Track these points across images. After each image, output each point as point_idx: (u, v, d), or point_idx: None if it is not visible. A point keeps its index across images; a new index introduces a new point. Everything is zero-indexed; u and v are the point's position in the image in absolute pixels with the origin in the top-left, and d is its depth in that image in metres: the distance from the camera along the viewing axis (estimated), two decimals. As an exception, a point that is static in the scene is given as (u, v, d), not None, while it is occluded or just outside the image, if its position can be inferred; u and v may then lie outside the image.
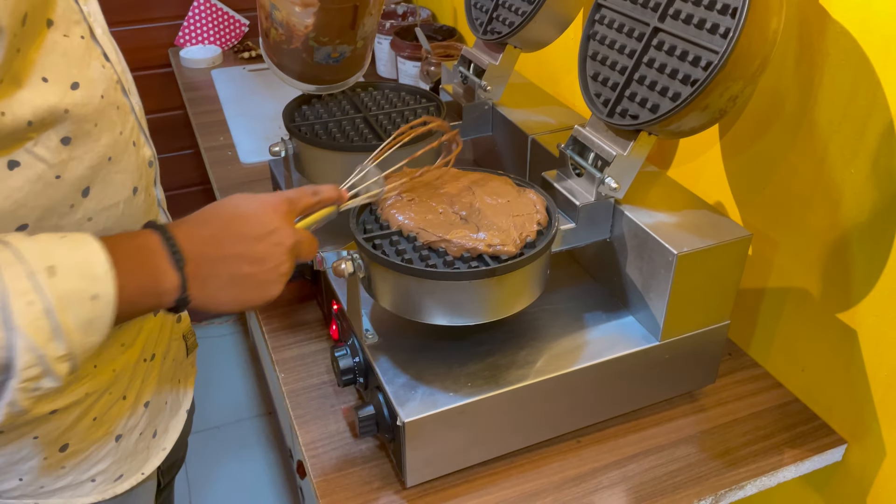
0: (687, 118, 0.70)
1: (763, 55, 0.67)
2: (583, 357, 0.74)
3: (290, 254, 0.61)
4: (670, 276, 0.71)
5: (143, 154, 0.68)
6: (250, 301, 0.60)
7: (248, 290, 0.59)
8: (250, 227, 0.59)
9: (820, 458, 0.79)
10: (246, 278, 0.58)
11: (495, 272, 0.66)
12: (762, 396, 0.85)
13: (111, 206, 0.63)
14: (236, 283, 0.58)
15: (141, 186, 0.67)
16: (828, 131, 0.76)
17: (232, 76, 1.69)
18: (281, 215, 0.61)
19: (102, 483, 0.72)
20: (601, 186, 0.75)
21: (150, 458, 0.77)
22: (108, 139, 0.61)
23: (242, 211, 0.60)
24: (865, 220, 0.74)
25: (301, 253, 0.63)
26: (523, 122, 0.97)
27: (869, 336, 0.76)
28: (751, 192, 0.88)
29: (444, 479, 0.74)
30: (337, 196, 0.68)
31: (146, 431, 0.76)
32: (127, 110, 0.65)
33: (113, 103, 0.62)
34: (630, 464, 0.77)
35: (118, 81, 0.63)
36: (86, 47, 0.59)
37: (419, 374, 0.72)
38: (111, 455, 0.72)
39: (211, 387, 1.98)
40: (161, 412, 0.78)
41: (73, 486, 0.70)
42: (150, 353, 0.75)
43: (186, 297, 0.56)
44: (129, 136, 0.64)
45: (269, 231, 0.59)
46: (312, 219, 0.67)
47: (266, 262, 0.59)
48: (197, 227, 0.58)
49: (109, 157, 0.61)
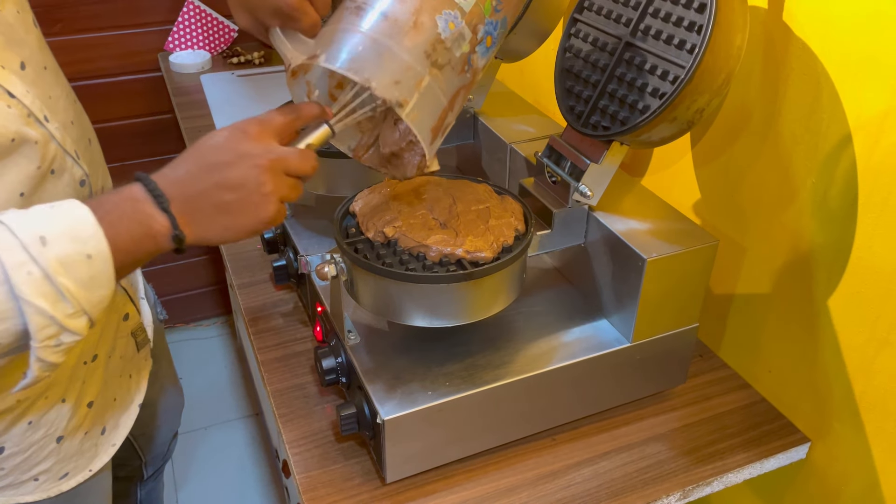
0: (656, 129, 0.73)
1: (728, 70, 0.70)
2: (557, 358, 0.77)
3: (270, 172, 0.59)
4: (640, 280, 0.74)
5: (69, 178, 0.68)
6: (245, 226, 0.60)
7: (238, 216, 0.59)
8: (221, 155, 0.59)
9: (785, 455, 0.82)
10: (230, 205, 0.58)
11: (472, 276, 0.69)
12: (730, 396, 0.88)
13: None
14: (223, 212, 0.59)
15: None
16: (791, 142, 0.79)
17: (221, 81, 1.71)
18: (251, 136, 0.60)
19: (46, 482, 0.73)
20: (576, 194, 0.78)
21: (99, 455, 0.78)
22: (16, 175, 0.61)
23: (212, 142, 0.60)
24: (827, 227, 0.77)
25: (290, 168, 0.61)
26: (503, 130, 1.00)
27: (831, 338, 0.79)
28: (720, 200, 0.91)
29: (422, 476, 0.77)
30: (319, 111, 0.65)
31: (93, 430, 0.77)
32: (45, 140, 0.64)
33: (27, 141, 0.62)
34: (602, 461, 0.80)
35: (29, 115, 0.63)
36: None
37: (399, 373, 0.75)
38: (53, 455, 0.73)
39: (198, 388, 1.99)
40: (109, 409, 0.79)
41: (15, 486, 0.72)
42: (90, 356, 0.75)
43: (180, 234, 0.57)
44: (47, 168, 0.64)
45: (239, 154, 0.59)
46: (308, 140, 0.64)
47: (245, 185, 0.58)
48: (175, 168, 0.59)
49: (21, 192, 0.62)
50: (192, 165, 0.59)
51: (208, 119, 1.53)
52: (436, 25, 0.62)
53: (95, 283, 0.53)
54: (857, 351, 0.76)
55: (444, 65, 0.63)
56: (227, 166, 0.59)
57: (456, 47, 0.63)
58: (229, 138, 0.60)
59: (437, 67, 0.62)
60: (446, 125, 0.67)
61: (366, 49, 0.61)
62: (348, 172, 0.91)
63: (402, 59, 0.61)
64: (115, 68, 1.85)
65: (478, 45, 0.65)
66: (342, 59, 0.61)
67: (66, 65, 1.94)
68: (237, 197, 0.58)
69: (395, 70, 0.60)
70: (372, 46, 0.61)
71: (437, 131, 0.66)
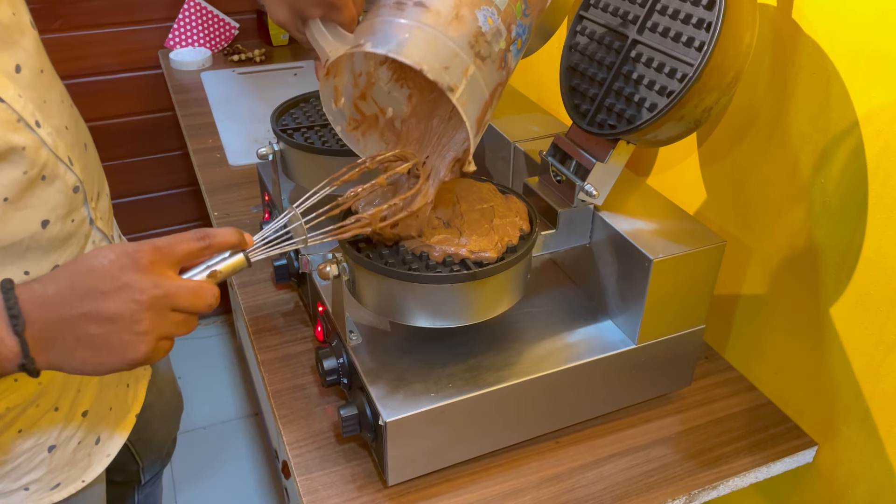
0: (663, 128, 0.72)
1: (737, 68, 0.69)
2: (562, 359, 0.76)
3: (149, 310, 0.53)
4: (647, 281, 0.74)
5: (61, 184, 0.65)
6: (105, 364, 0.54)
7: (101, 352, 0.53)
8: (99, 282, 0.53)
9: (791, 459, 0.81)
10: (95, 339, 0.53)
11: (476, 276, 0.68)
12: (736, 399, 0.87)
13: (11, 245, 0.60)
14: (85, 346, 0.53)
15: (56, 217, 0.64)
16: (799, 141, 0.78)
17: (221, 79, 1.70)
18: (141, 267, 0.54)
19: (37, 492, 0.71)
20: (581, 193, 0.77)
21: (92, 466, 0.76)
22: (1, 181, 0.58)
23: (95, 263, 0.54)
24: (835, 228, 0.76)
25: (179, 304, 0.55)
26: (507, 128, 0.99)
27: (838, 341, 0.78)
28: (727, 200, 0.90)
29: (425, 479, 0.76)
30: (236, 241, 0.59)
31: (87, 440, 0.75)
32: (35, 146, 0.61)
33: (14, 147, 0.59)
34: (607, 464, 0.79)
35: (19, 120, 0.60)
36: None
37: (401, 374, 0.74)
38: (44, 465, 0.71)
39: (198, 387, 1.98)
40: (104, 419, 0.77)
41: (5, 495, 0.70)
42: None
43: (29, 364, 0.52)
44: (36, 174, 0.61)
45: (119, 286, 0.53)
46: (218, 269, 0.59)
47: (116, 321, 0.52)
48: (44, 284, 0.53)
49: (5, 198, 0.59)
50: (64, 286, 0.53)
51: (209, 117, 1.53)
52: (476, 19, 0.62)
53: None
54: (866, 353, 0.75)
55: (486, 57, 0.63)
56: (101, 296, 0.52)
57: (495, 42, 0.64)
58: (114, 263, 0.53)
59: (480, 59, 0.62)
60: (486, 120, 0.68)
61: (413, 36, 0.60)
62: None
63: (449, 46, 0.60)
64: (114, 65, 1.84)
65: (511, 44, 0.66)
66: (391, 44, 0.60)
67: (65, 62, 1.95)
68: (103, 332, 0.53)
69: (444, 56, 0.60)
70: (419, 33, 0.60)
71: (481, 123, 0.66)
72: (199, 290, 0.56)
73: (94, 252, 0.55)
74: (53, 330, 0.52)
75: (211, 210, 1.21)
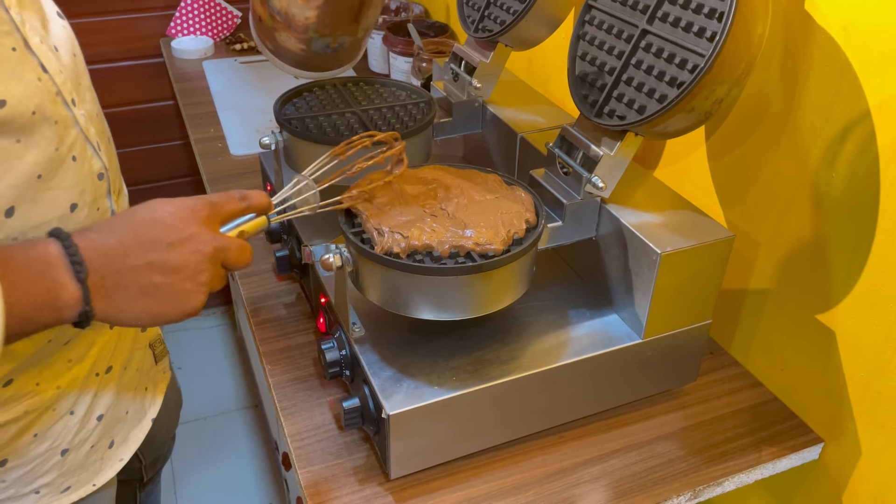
0: (673, 120, 0.71)
1: (748, 59, 0.68)
2: (566, 354, 0.75)
3: (210, 262, 0.56)
4: (654, 275, 0.73)
5: (88, 167, 0.64)
6: (166, 314, 0.55)
7: (163, 301, 0.54)
8: (164, 233, 0.54)
9: (797, 456, 0.81)
10: (158, 289, 0.54)
11: (481, 268, 0.67)
12: (742, 395, 0.87)
13: (42, 225, 0.60)
14: (148, 295, 0.54)
15: (84, 202, 0.64)
16: (810, 135, 0.77)
17: (223, 68, 1.68)
18: (200, 220, 0.56)
19: (47, 495, 0.70)
20: (588, 186, 0.76)
21: (104, 470, 0.75)
22: (36, 156, 0.57)
23: (157, 216, 0.55)
24: (845, 223, 0.75)
25: (228, 261, 0.58)
26: (513, 120, 0.97)
27: (847, 337, 0.78)
28: (735, 194, 0.89)
29: (427, 472, 0.75)
30: (267, 204, 0.63)
31: (100, 443, 0.74)
32: (68, 123, 0.61)
33: (48, 118, 0.58)
34: (611, 459, 0.78)
35: (58, 94, 0.60)
36: (18, 59, 0.56)
37: (405, 367, 0.73)
38: (56, 469, 0.70)
39: (197, 378, 1.98)
40: (120, 422, 0.76)
41: (15, 498, 0.69)
42: (104, 367, 0.72)
43: (90, 311, 0.52)
44: (66, 152, 0.61)
45: (184, 237, 0.54)
46: (243, 227, 0.62)
47: (181, 270, 0.54)
48: (104, 234, 0.54)
49: (39, 174, 0.58)
50: (126, 236, 0.53)
51: (210, 106, 1.51)
52: None
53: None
54: (875, 350, 0.74)
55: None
56: (167, 247, 0.54)
57: None
58: (176, 216, 0.55)
59: None
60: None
61: None
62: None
63: None
64: (116, 54, 1.83)
65: None
66: None
67: (66, 49, 1.89)
68: (168, 281, 0.54)
69: None
70: None
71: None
72: (244, 249, 0.59)
73: (148, 205, 0.56)
74: (116, 278, 0.52)
75: (212, 200, 1.19)
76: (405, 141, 0.74)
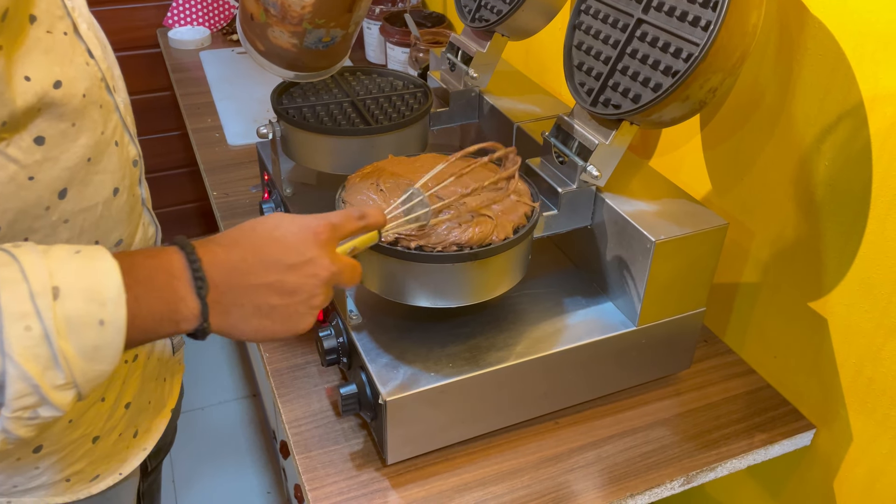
0: (668, 109, 0.71)
1: (743, 48, 0.69)
2: (562, 340, 0.76)
3: (325, 286, 0.56)
4: (648, 262, 0.73)
5: (126, 153, 0.65)
6: (276, 333, 0.55)
7: (276, 321, 0.54)
8: (285, 255, 0.54)
9: (789, 442, 0.82)
10: (274, 309, 0.54)
11: (477, 256, 0.68)
12: (735, 382, 0.88)
13: (89, 208, 0.60)
14: (262, 314, 0.54)
15: (123, 187, 0.64)
16: (804, 124, 0.77)
17: (220, 58, 1.68)
18: (321, 243, 0.56)
19: (77, 483, 0.71)
20: (583, 174, 0.77)
21: (129, 459, 0.76)
22: (87, 139, 0.58)
23: (279, 234, 0.55)
24: (838, 211, 0.76)
25: (341, 281, 0.58)
26: (509, 109, 0.98)
27: (839, 324, 0.78)
28: (729, 183, 0.90)
29: (424, 458, 0.76)
30: (384, 220, 0.64)
31: (126, 432, 0.74)
32: (110, 109, 0.62)
33: (95, 102, 0.59)
34: (605, 445, 0.79)
35: (102, 79, 0.61)
36: (69, 44, 0.57)
37: (401, 354, 0.74)
38: (87, 456, 0.71)
39: (196, 368, 1.99)
40: (143, 412, 0.77)
41: (48, 486, 0.69)
42: (132, 355, 0.72)
43: (206, 326, 0.52)
44: (111, 136, 0.62)
45: (305, 260, 0.55)
46: (355, 243, 0.62)
47: (298, 293, 0.54)
48: (227, 248, 0.53)
49: (89, 157, 0.59)
50: (249, 253, 0.54)
51: (207, 96, 1.51)
52: None
53: (99, 355, 0.46)
54: (866, 337, 0.75)
55: None
56: (287, 269, 0.54)
57: None
58: (298, 237, 0.55)
59: None
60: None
61: None
62: (352, 150, 0.89)
63: None
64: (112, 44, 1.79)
65: None
66: None
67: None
68: (284, 303, 0.54)
69: None
70: None
71: None
72: (356, 269, 0.59)
73: (271, 221, 0.56)
74: (235, 296, 0.52)
75: (210, 190, 1.20)
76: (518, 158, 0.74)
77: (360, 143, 0.88)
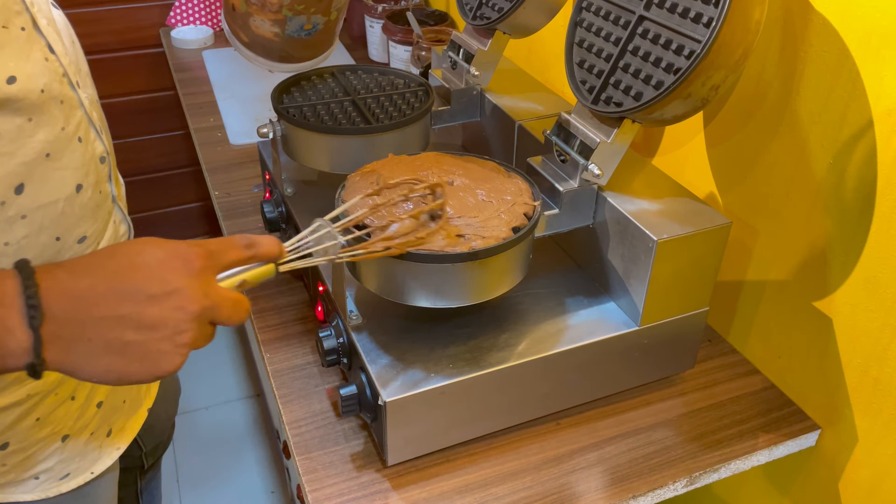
0: (670, 106, 0.70)
1: (745, 45, 0.68)
2: (563, 341, 0.75)
3: (195, 321, 0.49)
4: (650, 262, 0.73)
5: (91, 150, 0.64)
6: (134, 374, 0.48)
7: (131, 360, 0.47)
8: (146, 284, 0.47)
9: (794, 442, 0.81)
10: (128, 347, 0.47)
11: (478, 255, 0.67)
12: (739, 382, 0.87)
13: (49, 204, 0.59)
14: (114, 351, 0.47)
15: (88, 183, 0.63)
16: (808, 122, 0.77)
17: (223, 57, 1.68)
18: (192, 271, 0.49)
19: (47, 481, 0.71)
20: (585, 173, 0.76)
21: (102, 458, 0.75)
22: (45, 135, 0.57)
23: (141, 260, 0.48)
24: (843, 211, 0.75)
25: (219, 318, 0.51)
26: (511, 107, 0.97)
27: (844, 324, 0.77)
28: (733, 181, 0.89)
29: (424, 459, 0.76)
30: (277, 252, 0.56)
31: (99, 431, 0.74)
32: (73, 104, 0.62)
33: (56, 97, 0.59)
34: (608, 446, 0.78)
35: (64, 74, 0.60)
36: (27, 39, 0.56)
37: (402, 355, 0.73)
38: (56, 454, 0.70)
39: (199, 368, 1.99)
40: (117, 411, 0.76)
41: (15, 483, 0.69)
42: None
43: (37, 364, 0.45)
44: (73, 132, 0.61)
45: (169, 291, 0.47)
46: (244, 277, 0.55)
47: (159, 328, 0.47)
48: (75, 275, 0.47)
49: (48, 153, 0.58)
50: (101, 281, 0.47)
51: (210, 96, 1.51)
52: None
53: None
54: (871, 337, 0.74)
55: None
56: (147, 300, 0.47)
57: None
58: (164, 264, 0.48)
59: None
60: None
61: None
62: (353, 149, 0.89)
63: None
64: (115, 44, 1.82)
65: None
66: None
67: (65, 39, 1.88)
68: (141, 339, 0.47)
69: None
70: None
71: None
72: (239, 304, 0.53)
73: (135, 246, 0.49)
74: (79, 329, 0.46)
75: (212, 189, 1.20)
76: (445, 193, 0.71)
77: (361, 142, 0.88)
